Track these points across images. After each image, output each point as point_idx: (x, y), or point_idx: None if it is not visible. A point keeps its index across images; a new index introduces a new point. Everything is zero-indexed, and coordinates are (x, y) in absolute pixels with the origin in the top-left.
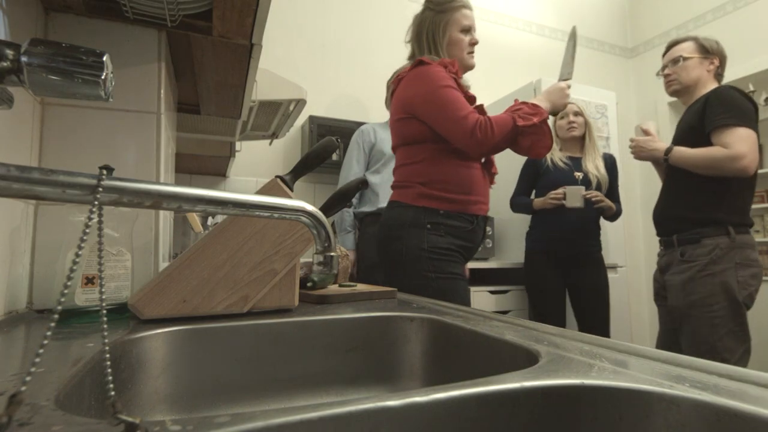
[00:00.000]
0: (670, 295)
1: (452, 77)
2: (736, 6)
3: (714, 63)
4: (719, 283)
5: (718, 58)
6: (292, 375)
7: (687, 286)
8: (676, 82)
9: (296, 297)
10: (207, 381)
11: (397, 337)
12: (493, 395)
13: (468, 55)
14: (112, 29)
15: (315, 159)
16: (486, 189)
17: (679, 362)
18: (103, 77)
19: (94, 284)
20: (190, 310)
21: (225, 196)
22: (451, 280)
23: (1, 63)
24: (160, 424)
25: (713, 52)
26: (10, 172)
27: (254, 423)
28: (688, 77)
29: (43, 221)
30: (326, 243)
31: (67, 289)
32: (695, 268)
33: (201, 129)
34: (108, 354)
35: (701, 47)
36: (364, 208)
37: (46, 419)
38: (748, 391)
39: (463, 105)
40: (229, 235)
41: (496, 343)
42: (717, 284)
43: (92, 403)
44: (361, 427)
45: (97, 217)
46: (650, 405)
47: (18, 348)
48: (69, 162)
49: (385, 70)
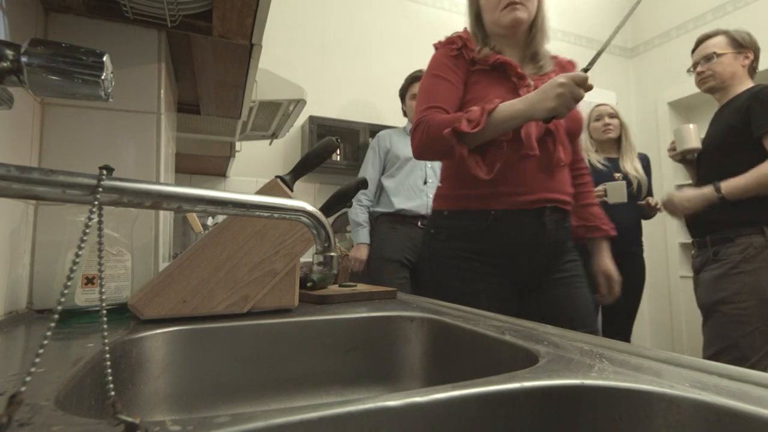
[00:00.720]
0: (699, 291)
1: (451, 57)
2: (736, 6)
3: (749, 57)
4: (750, 281)
5: (752, 51)
6: (292, 375)
7: (717, 282)
8: (711, 79)
9: (296, 297)
10: (207, 381)
11: (397, 337)
12: (493, 395)
13: (503, 12)
14: (112, 29)
15: (315, 159)
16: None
17: (679, 362)
18: (103, 77)
19: (94, 284)
20: (190, 310)
21: (225, 196)
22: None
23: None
24: (160, 424)
25: (747, 45)
26: (10, 172)
27: (254, 423)
28: (723, 73)
29: (43, 221)
30: (326, 243)
31: (67, 289)
32: (727, 266)
33: (201, 129)
34: (108, 354)
35: (734, 41)
36: (379, 208)
37: (46, 419)
38: (748, 391)
39: (426, 98)
40: (229, 235)
41: (496, 343)
42: (748, 282)
43: (92, 403)
44: (361, 427)
45: (97, 217)
46: (650, 405)
47: (18, 348)
48: (69, 162)
49: (385, 70)
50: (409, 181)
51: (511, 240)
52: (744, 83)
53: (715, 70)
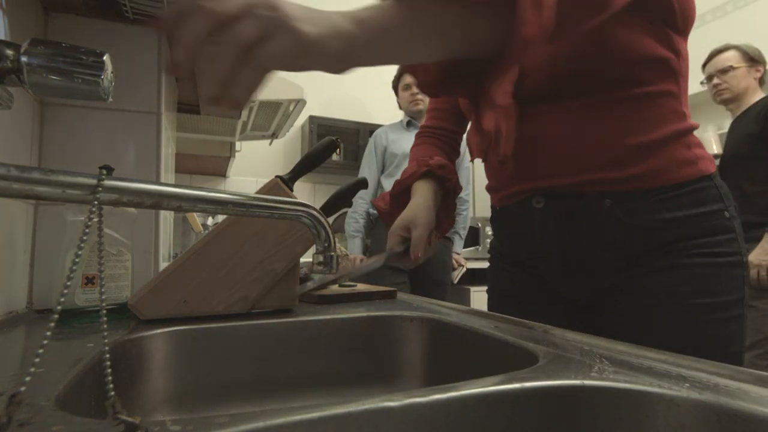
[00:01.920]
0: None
1: None
2: (736, 6)
3: (759, 70)
4: None
5: (762, 65)
6: (292, 375)
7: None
8: (727, 91)
9: (296, 297)
10: (207, 381)
11: (397, 337)
12: (493, 395)
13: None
14: (112, 29)
15: (315, 159)
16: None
17: (679, 362)
18: (103, 77)
19: (94, 284)
20: (190, 310)
21: (225, 196)
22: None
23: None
24: (160, 424)
25: (758, 59)
26: (10, 172)
27: (254, 423)
28: (738, 86)
29: (43, 221)
30: (326, 243)
31: (67, 289)
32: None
33: (201, 129)
34: (108, 354)
35: (746, 55)
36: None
37: (46, 419)
38: (748, 391)
39: None
40: (229, 235)
41: (496, 343)
42: None
43: (92, 403)
44: (361, 427)
45: (97, 217)
46: (650, 405)
47: (18, 348)
48: (69, 162)
49: (386, 70)
50: None
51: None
52: (756, 94)
53: (731, 83)
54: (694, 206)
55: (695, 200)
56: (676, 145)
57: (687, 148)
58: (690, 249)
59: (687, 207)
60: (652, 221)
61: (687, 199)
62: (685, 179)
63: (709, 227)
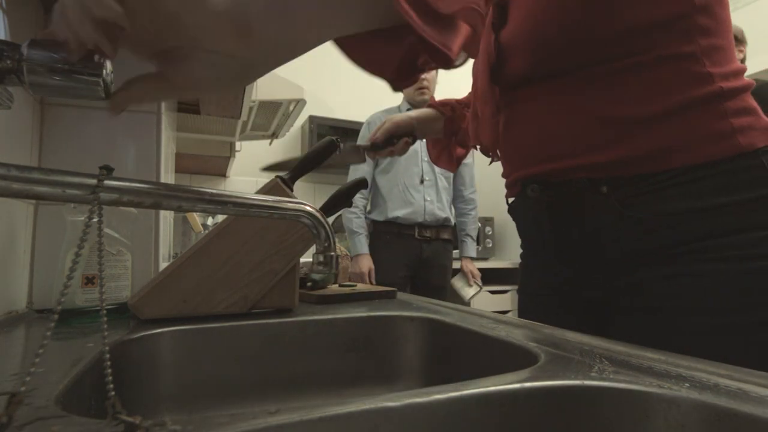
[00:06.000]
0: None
1: None
2: (736, 6)
3: (742, 51)
4: None
5: (744, 46)
6: (292, 375)
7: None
8: None
9: (296, 297)
10: (207, 381)
11: (397, 337)
12: (493, 395)
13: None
14: None
15: (315, 159)
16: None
17: (679, 362)
18: (103, 77)
19: (94, 284)
20: (190, 310)
21: (225, 196)
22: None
23: (1, 63)
24: (160, 424)
25: (741, 39)
26: (10, 172)
27: (254, 423)
28: None
29: (43, 221)
30: (326, 243)
31: (67, 289)
32: None
33: (201, 129)
34: (108, 354)
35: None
36: (374, 215)
37: (46, 419)
38: (748, 391)
39: None
40: (229, 235)
41: (496, 343)
42: None
43: (92, 403)
44: (361, 427)
45: (97, 217)
46: (650, 405)
47: (18, 348)
48: (69, 162)
49: None
50: (405, 179)
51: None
52: None
53: None
54: (727, 193)
55: (729, 185)
56: (698, 114)
57: (719, 118)
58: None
59: (714, 194)
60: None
61: (715, 184)
62: (713, 158)
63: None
